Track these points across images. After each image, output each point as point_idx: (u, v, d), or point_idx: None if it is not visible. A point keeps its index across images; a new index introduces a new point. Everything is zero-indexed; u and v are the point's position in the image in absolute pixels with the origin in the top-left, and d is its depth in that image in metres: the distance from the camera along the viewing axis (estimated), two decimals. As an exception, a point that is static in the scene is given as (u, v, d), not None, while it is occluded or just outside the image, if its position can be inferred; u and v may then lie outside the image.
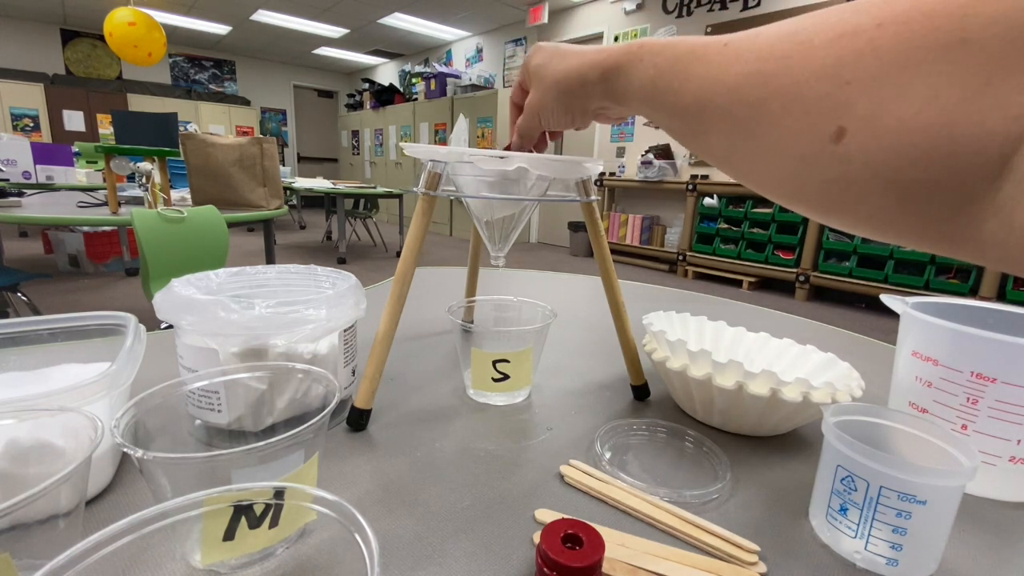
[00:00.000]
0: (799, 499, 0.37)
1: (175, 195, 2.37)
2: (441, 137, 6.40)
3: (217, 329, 0.35)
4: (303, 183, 4.67)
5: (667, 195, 4.75)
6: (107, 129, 6.51)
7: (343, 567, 0.22)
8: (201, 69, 8.03)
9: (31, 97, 6.41)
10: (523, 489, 0.36)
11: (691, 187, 4.30)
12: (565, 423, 0.46)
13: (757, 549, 0.31)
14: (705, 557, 0.30)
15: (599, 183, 5.01)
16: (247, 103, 8.22)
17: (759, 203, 3.99)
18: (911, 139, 0.16)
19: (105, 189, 2.07)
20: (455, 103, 6.12)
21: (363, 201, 5.15)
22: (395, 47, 7.49)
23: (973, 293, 3.08)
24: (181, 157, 2.05)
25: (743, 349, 0.55)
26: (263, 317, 0.36)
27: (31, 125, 6.42)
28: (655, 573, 0.29)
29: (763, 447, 0.44)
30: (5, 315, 2.03)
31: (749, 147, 0.22)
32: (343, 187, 4.47)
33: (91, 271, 3.62)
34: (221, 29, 6.81)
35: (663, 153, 4.59)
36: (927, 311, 0.43)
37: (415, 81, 6.88)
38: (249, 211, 2.13)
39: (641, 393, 0.52)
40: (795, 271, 3.77)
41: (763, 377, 0.41)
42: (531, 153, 0.41)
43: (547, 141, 0.44)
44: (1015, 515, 0.37)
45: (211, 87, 8.16)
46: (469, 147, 0.42)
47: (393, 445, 0.41)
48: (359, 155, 8.37)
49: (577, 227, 5.25)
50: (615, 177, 5.01)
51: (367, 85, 7.83)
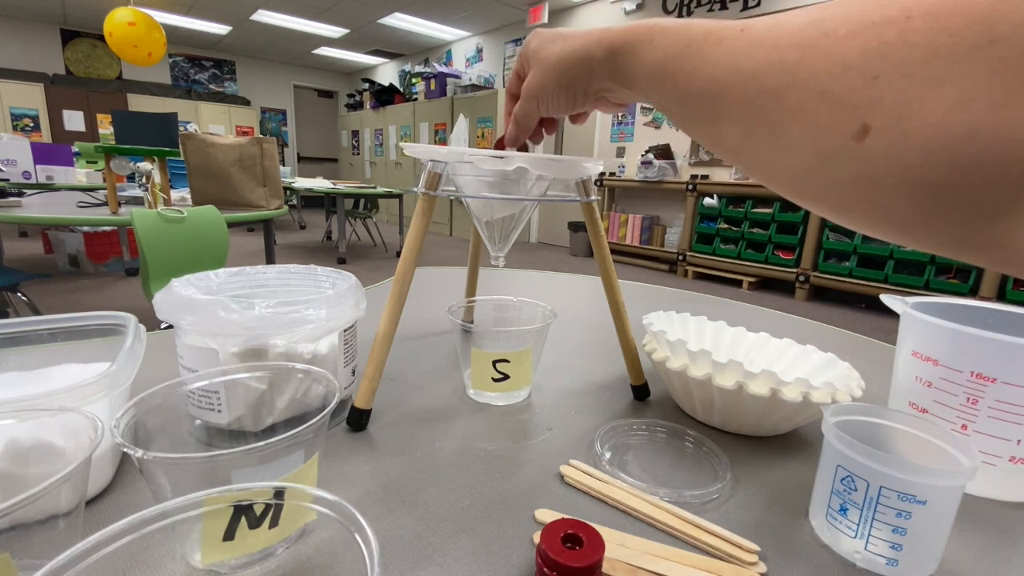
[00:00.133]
0: (799, 499, 0.37)
1: (175, 195, 2.37)
2: (441, 137, 6.40)
3: (217, 329, 0.35)
4: (303, 183, 4.67)
5: (667, 195, 4.75)
6: (107, 129, 6.51)
7: (343, 567, 0.22)
8: (201, 69, 8.03)
9: (31, 97, 6.41)
10: (523, 489, 0.36)
11: (691, 187, 4.30)
12: (565, 423, 0.46)
13: (757, 549, 0.31)
14: (705, 557, 0.30)
15: (599, 183, 5.01)
16: (247, 103, 8.22)
17: (759, 203, 3.99)
18: (939, 143, 0.15)
19: (105, 189, 2.07)
20: (455, 103, 6.12)
21: (363, 201, 5.15)
22: (395, 47, 7.50)
23: (973, 293, 3.08)
24: (181, 157, 2.05)
25: (743, 349, 0.55)
26: (263, 317, 0.36)
27: (31, 125, 6.42)
28: (655, 573, 0.29)
29: (763, 447, 0.44)
30: (5, 315, 2.03)
31: (764, 139, 0.20)
32: (343, 187, 4.47)
33: (91, 271, 3.62)
34: (221, 29, 6.81)
35: (663, 153, 4.59)
36: (927, 311, 0.43)
37: (415, 81, 6.87)
38: (249, 211, 2.13)
39: (641, 393, 0.52)
40: (795, 271, 3.77)
41: (763, 377, 0.41)
42: (527, 147, 0.40)
43: (543, 133, 0.42)
44: (1015, 515, 0.37)
45: (211, 87, 8.16)
46: (469, 147, 0.42)
47: (393, 445, 0.41)
48: (359, 155, 8.37)
49: (577, 227, 5.25)
50: (615, 177, 5.02)
51: (367, 85, 7.83)
